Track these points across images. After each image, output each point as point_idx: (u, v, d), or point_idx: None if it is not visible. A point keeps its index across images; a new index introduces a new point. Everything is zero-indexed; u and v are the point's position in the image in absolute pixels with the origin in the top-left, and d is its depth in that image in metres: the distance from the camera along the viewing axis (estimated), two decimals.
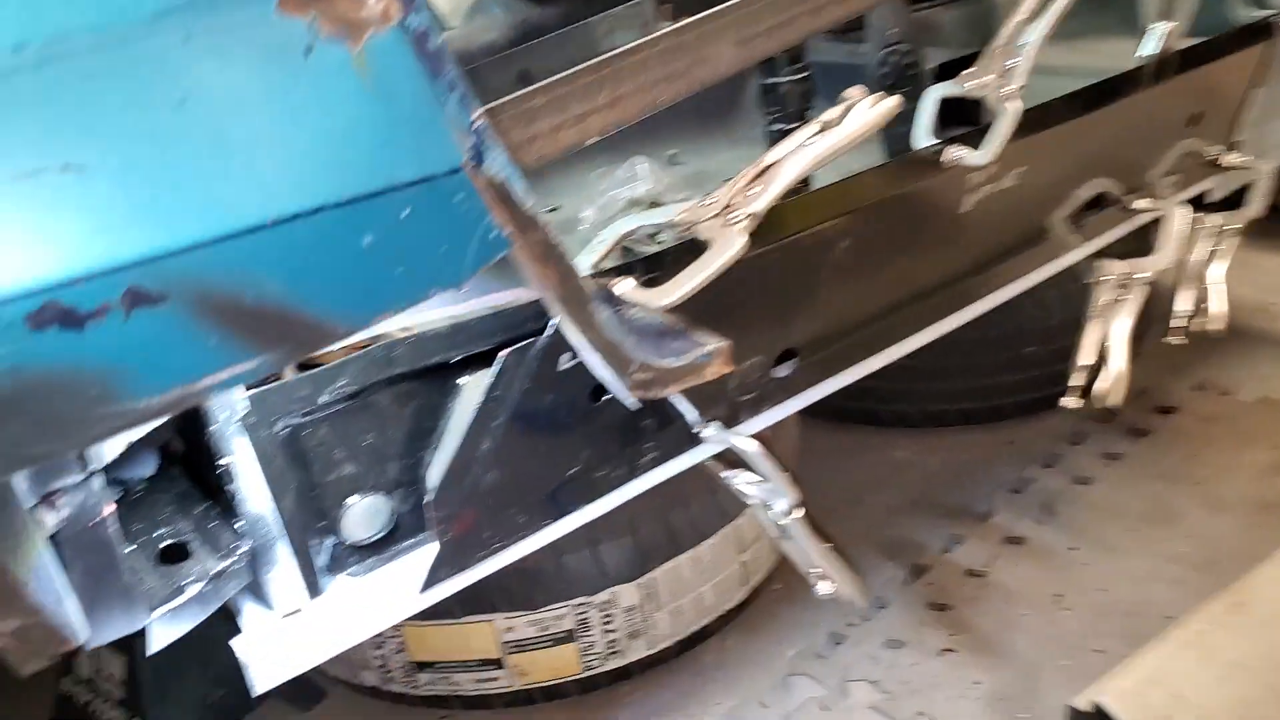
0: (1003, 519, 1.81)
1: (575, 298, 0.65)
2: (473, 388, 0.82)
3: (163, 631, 0.67)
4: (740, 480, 1.06)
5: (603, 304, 0.69)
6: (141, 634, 1.36)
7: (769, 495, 1.05)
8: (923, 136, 1.10)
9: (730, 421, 1.03)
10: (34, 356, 0.40)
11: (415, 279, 0.50)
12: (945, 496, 1.90)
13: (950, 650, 1.54)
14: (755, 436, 1.00)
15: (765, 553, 1.66)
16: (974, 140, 1.07)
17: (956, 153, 1.07)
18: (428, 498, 0.80)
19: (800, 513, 1.04)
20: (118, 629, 0.64)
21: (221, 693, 1.57)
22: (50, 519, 0.56)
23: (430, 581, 0.82)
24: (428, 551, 0.82)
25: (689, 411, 0.99)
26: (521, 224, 0.55)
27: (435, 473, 0.82)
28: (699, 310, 0.84)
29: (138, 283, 0.42)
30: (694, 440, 1.01)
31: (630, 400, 0.75)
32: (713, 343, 0.82)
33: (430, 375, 0.80)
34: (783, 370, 1.07)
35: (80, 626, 0.49)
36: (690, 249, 0.86)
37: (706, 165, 1.35)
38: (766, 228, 0.89)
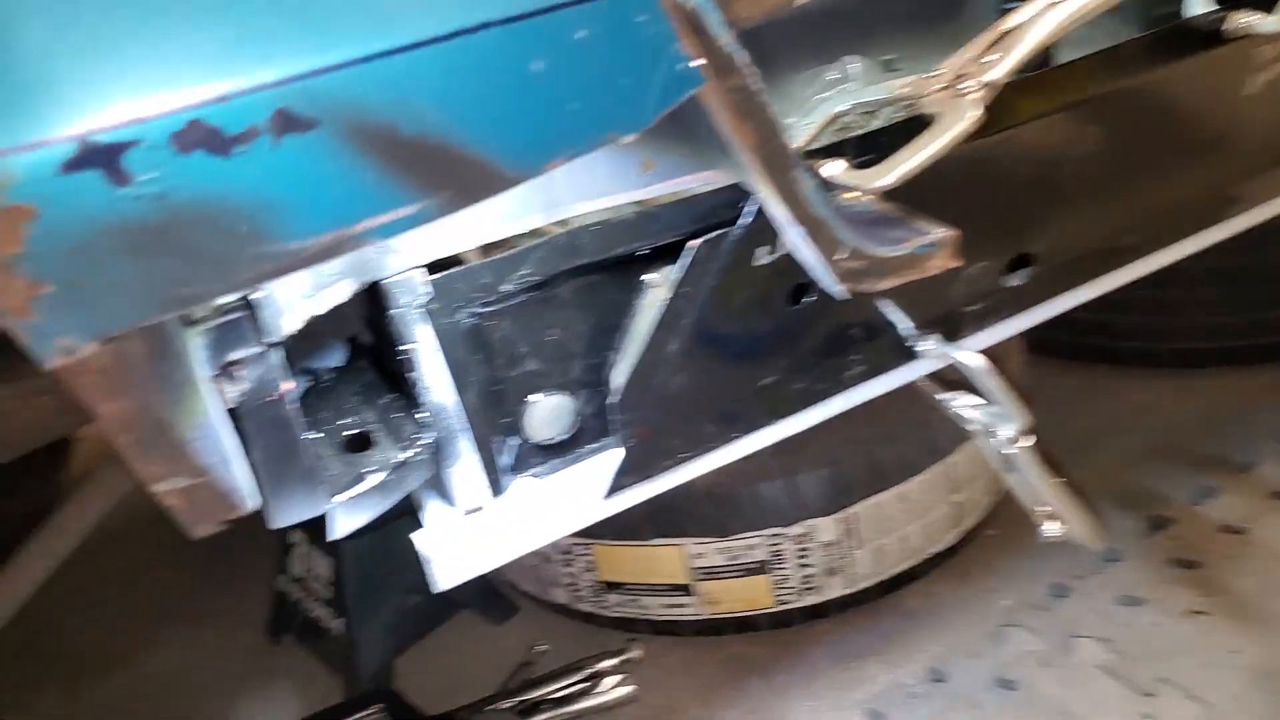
0: (1269, 471, 1.57)
1: (778, 160, 0.56)
2: (659, 283, 0.75)
3: (344, 520, 0.65)
4: (960, 403, 0.95)
5: (810, 174, 0.60)
6: (347, 538, 1.41)
7: (994, 420, 0.93)
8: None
9: (950, 335, 0.91)
10: (180, 183, 0.37)
11: (591, 117, 0.43)
12: (1196, 444, 1.67)
13: (1200, 613, 1.36)
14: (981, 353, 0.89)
15: (981, 494, 1.52)
16: (1268, 3, 0.88)
17: (1244, 19, 0.89)
18: (611, 400, 0.74)
19: (1030, 441, 0.92)
20: (299, 512, 0.63)
21: (419, 599, 1.63)
22: (229, 391, 0.55)
23: (614, 489, 0.77)
24: (612, 457, 0.77)
25: (903, 321, 0.88)
26: (716, 61, 0.47)
27: (619, 374, 0.76)
28: (919, 203, 0.74)
29: (287, 104, 0.37)
30: (907, 354, 0.90)
31: (838, 290, 0.66)
32: (938, 231, 0.71)
33: (616, 268, 0.75)
34: (1015, 279, 0.94)
35: (249, 494, 0.47)
36: (911, 128, 0.75)
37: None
38: (1001, 110, 0.76)
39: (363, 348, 0.79)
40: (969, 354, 0.87)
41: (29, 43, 0.34)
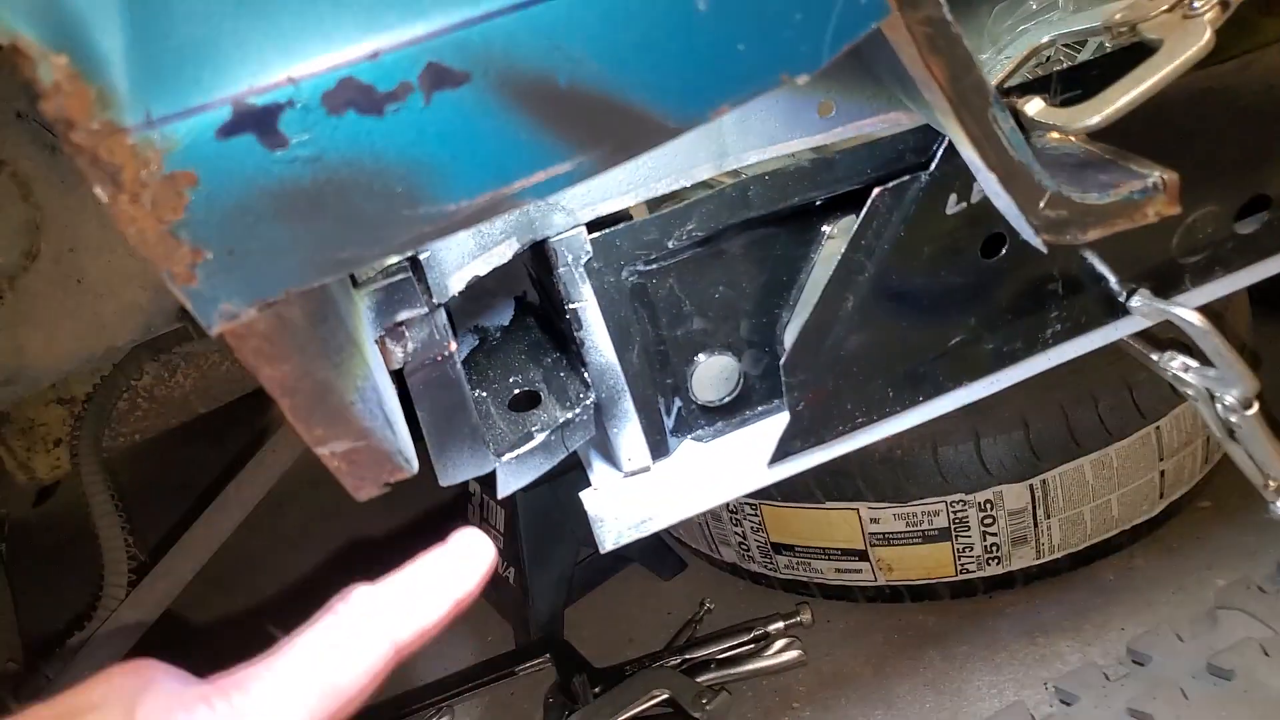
0: None
1: (972, 98, 0.50)
2: (838, 235, 0.71)
3: (509, 478, 0.65)
4: (1175, 364, 0.85)
5: (1007, 114, 0.54)
6: (521, 491, 1.44)
7: (1215, 384, 0.83)
8: None
9: (1165, 290, 0.81)
10: (334, 145, 0.35)
11: (761, 57, 0.39)
12: None
13: None
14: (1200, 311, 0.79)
15: (1191, 464, 1.38)
16: None
17: None
18: (782, 360, 0.70)
19: (1256, 407, 0.81)
20: (466, 470, 0.63)
21: (590, 553, 1.65)
22: (396, 352, 0.55)
23: (780, 454, 0.73)
24: (778, 421, 0.73)
25: (1110, 273, 0.79)
26: None
27: (791, 333, 0.72)
28: (1133, 144, 0.65)
29: (438, 57, 0.36)
30: (1115, 311, 0.81)
31: (1039, 242, 0.59)
32: (1155, 173, 0.62)
33: (789, 221, 0.70)
34: (1247, 225, 0.82)
35: (411, 457, 0.47)
36: (1124, 59, 0.66)
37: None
38: (1234, 33, 0.66)
39: (530, 306, 0.79)
40: (1188, 311, 0.77)
41: (186, 6, 0.33)
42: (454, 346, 0.57)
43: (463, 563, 0.48)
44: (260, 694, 0.42)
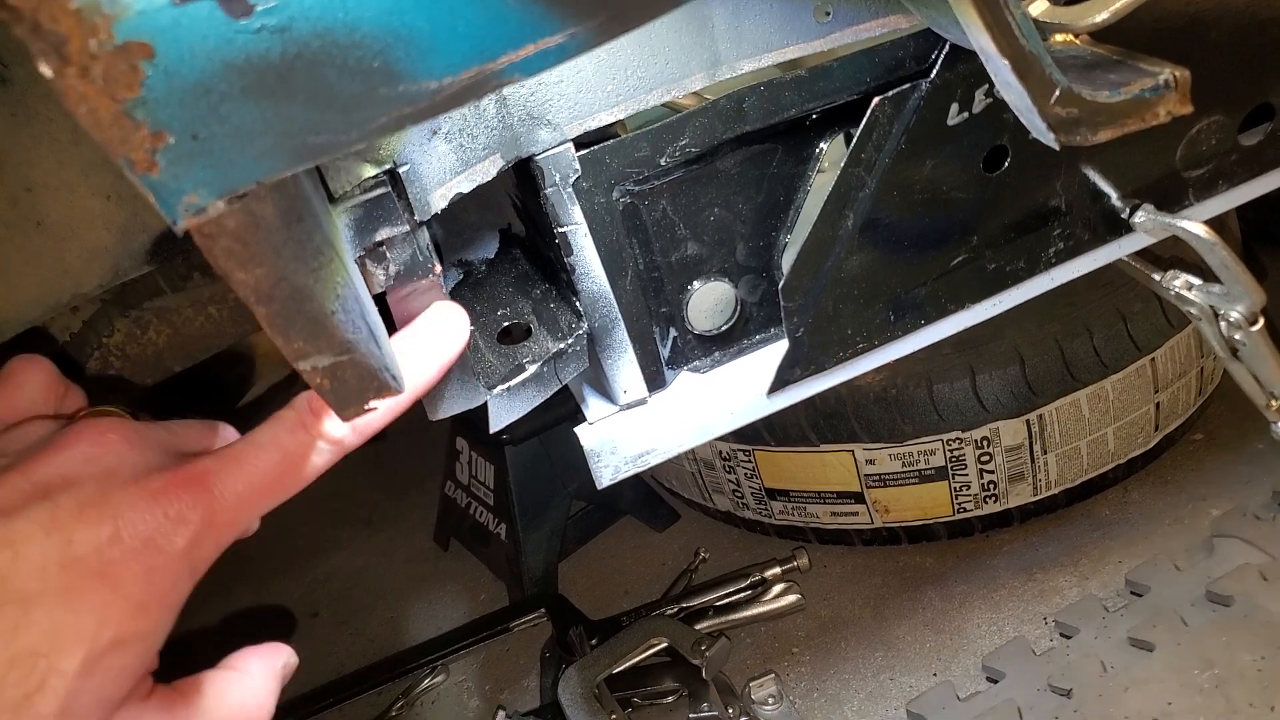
0: None
1: None
2: (835, 149, 0.68)
3: (501, 411, 0.62)
4: (1178, 283, 0.83)
5: (1018, 3, 0.51)
6: (509, 444, 1.41)
7: (1220, 301, 0.81)
8: None
9: (1168, 205, 0.79)
10: (303, 14, 0.32)
11: None
12: None
13: None
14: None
15: (1185, 395, 1.37)
16: None
17: None
18: (780, 284, 0.68)
19: (1261, 323, 0.80)
20: (455, 404, 0.60)
21: (582, 507, 1.64)
22: (378, 273, 0.52)
23: (779, 383, 0.71)
24: (777, 350, 0.71)
25: (1112, 189, 0.77)
26: None
27: (789, 255, 0.70)
28: (1135, 49, 0.63)
29: None
30: (1117, 228, 0.79)
31: (1050, 139, 0.56)
32: (1166, 71, 0.60)
33: (786, 136, 0.67)
34: (1251, 136, 0.80)
35: (399, 375, 0.44)
36: None
37: None
38: None
39: (516, 238, 0.76)
40: (1193, 224, 0.75)
41: None
42: (439, 268, 0.53)
43: (430, 339, 0.51)
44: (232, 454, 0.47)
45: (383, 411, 0.48)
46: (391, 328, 0.53)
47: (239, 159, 0.32)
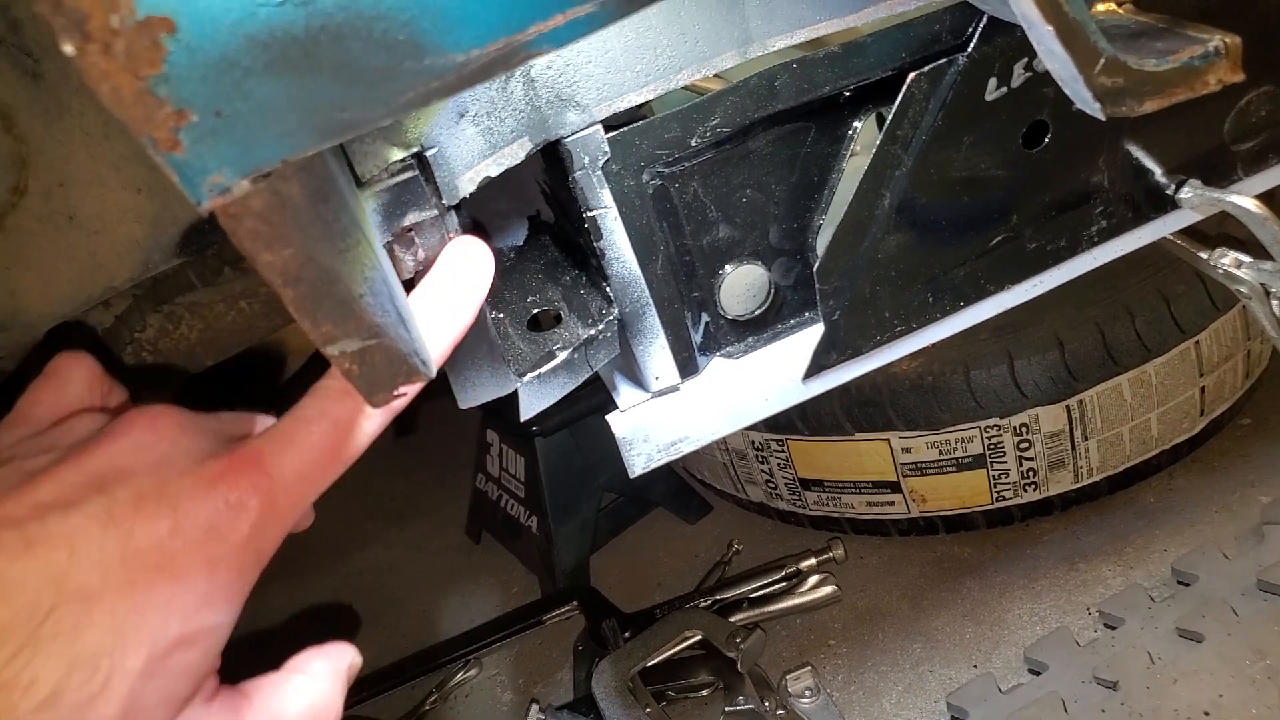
0: None
1: None
2: (870, 127, 0.66)
3: (531, 399, 0.62)
4: (1227, 261, 0.81)
5: None
6: (539, 437, 1.40)
7: (1273, 278, 0.79)
8: None
9: (1216, 180, 0.77)
10: None
11: None
12: None
13: None
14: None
15: (1231, 379, 1.34)
16: None
17: None
18: (815, 266, 0.66)
19: None
20: (486, 392, 0.59)
21: (614, 499, 1.63)
22: (407, 259, 0.52)
23: (815, 368, 0.69)
24: (812, 334, 0.70)
25: (1157, 165, 0.75)
26: None
27: (824, 237, 0.68)
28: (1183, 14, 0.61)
29: None
30: (1161, 205, 0.77)
31: (1096, 110, 0.54)
32: (1215, 37, 0.58)
33: (819, 114, 0.66)
34: None
35: (428, 360, 0.43)
36: None
37: None
38: None
39: (545, 225, 0.75)
40: (1244, 199, 0.73)
41: None
42: None
43: (457, 279, 0.50)
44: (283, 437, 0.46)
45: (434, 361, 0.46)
46: None
47: (264, 137, 0.32)
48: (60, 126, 0.67)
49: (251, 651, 0.52)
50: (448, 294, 0.48)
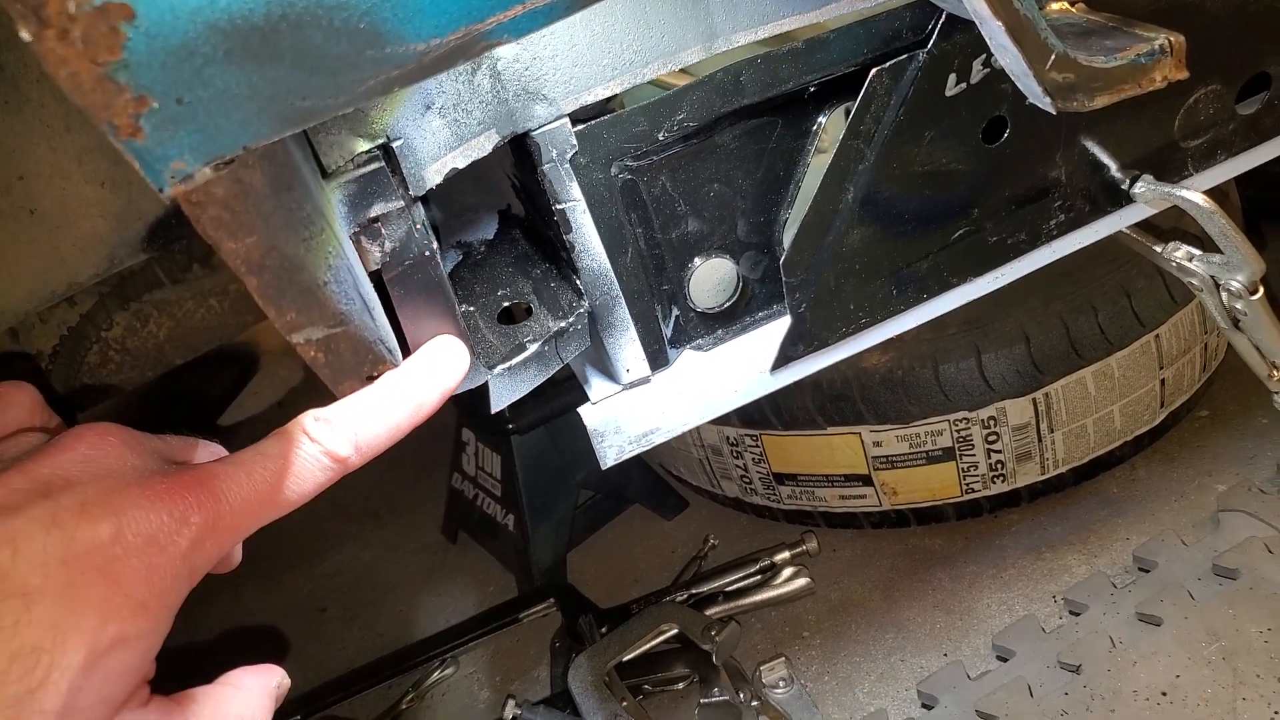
0: None
1: None
2: (834, 123, 0.67)
3: (502, 391, 0.62)
4: (1179, 254, 0.83)
5: None
6: (514, 434, 1.40)
7: (1221, 271, 0.81)
8: None
9: (1167, 175, 0.79)
10: None
11: None
12: None
13: None
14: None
15: (1190, 371, 1.37)
16: None
17: None
18: (782, 259, 0.67)
19: (1261, 292, 0.80)
20: None
21: (591, 497, 1.63)
22: (374, 251, 0.52)
23: (782, 359, 0.70)
24: (780, 326, 0.71)
25: (1112, 161, 0.77)
26: None
27: (790, 230, 0.69)
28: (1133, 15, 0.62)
29: None
30: (1117, 199, 0.78)
31: (1047, 104, 0.56)
32: (1161, 36, 0.59)
33: (784, 109, 0.67)
34: (1249, 105, 0.79)
35: (394, 348, 0.44)
36: None
37: None
38: None
39: (515, 219, 0.75)
40: (1193, 194, 0.75)
41: None
42: (435, 245, 0.53)
43: (431, 368, 0.51)
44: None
45: (386, 433, 0.49)
46: (394, 305, 0.53)
47: (225, 124, 0.32)
48: (20, 119, 0.67)
49: (187, 661, 0.53)
50: (420, 380, 0.50)
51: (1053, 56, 0.55)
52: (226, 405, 1.83)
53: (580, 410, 0.68)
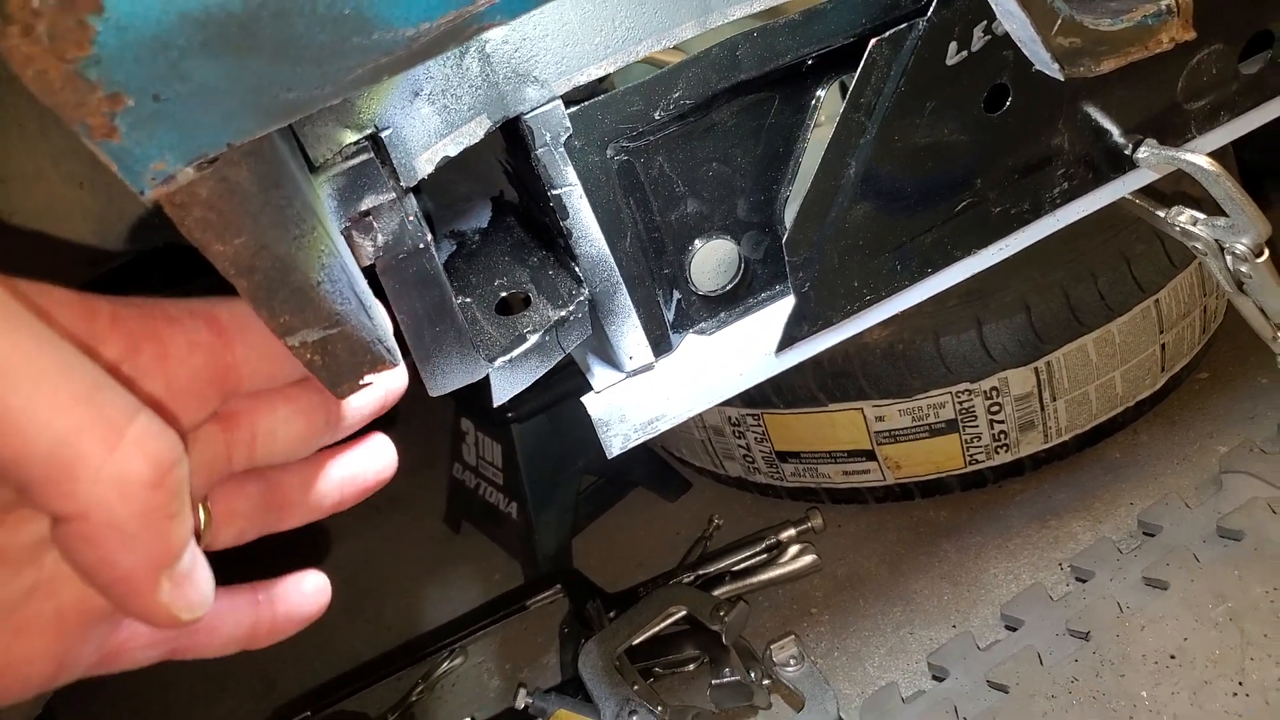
0: None
1: None
2: (833, 96, 0.65)
3: (503, 384, 0.61)
4: (1183, 218, 0.82)
5: None
6: (515, 423, 1.39)
7: (1226, 234, 0.79)
8: None
9: (1171, 139, 0.77)
10: None
11: None
12: None
13: None
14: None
15: (1190, 335, 1.36)
16: None
17: None
18: (784, 238, 0.66)
19: (1266, 254, 0.78)
20: (456, 378, 0.58)
21: (593, 482, 1.62)
22: (366, 245, 0.50)
23: (787, 340, 0.69)
24: (783, 307, 0.69)
25: (1114, 125, 0.75)
26: None
27: (792, 208, 0.68)
28: None
29: None
30: (1120, 165, 0.77)
31: (1054, 70, 0.54)
32: None
33: (782, 84, 0.65)
34: (1251, 65, 0.78)
35: (393, 348, 0.42)
36: None
37: None
38: None
39: (509, 206, 0.74)
40: (1197, 156, 0.74)
41: None
42: (429, 237, 0.51)
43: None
44: None
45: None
46: (390, 300, 0.51)
47: (206, 120, 0.30)
48: None
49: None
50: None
51: (1059, 20, 0.54)
52: None
53: (584, 399, 0.66)
